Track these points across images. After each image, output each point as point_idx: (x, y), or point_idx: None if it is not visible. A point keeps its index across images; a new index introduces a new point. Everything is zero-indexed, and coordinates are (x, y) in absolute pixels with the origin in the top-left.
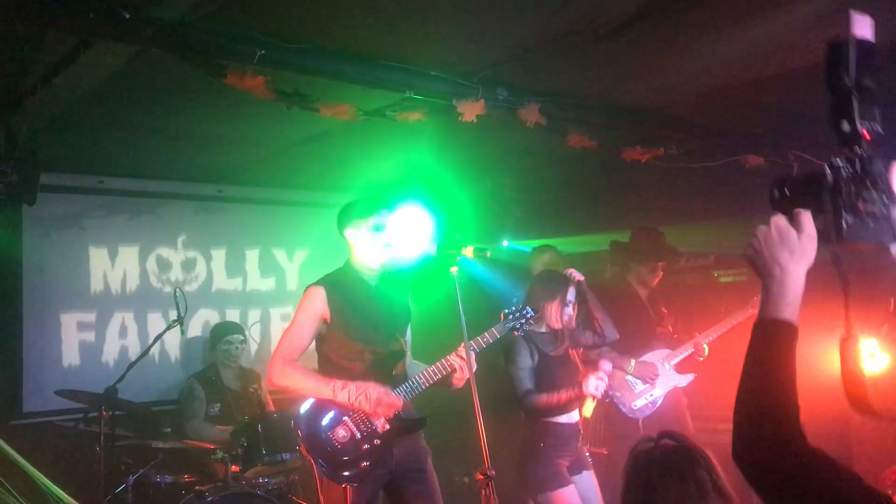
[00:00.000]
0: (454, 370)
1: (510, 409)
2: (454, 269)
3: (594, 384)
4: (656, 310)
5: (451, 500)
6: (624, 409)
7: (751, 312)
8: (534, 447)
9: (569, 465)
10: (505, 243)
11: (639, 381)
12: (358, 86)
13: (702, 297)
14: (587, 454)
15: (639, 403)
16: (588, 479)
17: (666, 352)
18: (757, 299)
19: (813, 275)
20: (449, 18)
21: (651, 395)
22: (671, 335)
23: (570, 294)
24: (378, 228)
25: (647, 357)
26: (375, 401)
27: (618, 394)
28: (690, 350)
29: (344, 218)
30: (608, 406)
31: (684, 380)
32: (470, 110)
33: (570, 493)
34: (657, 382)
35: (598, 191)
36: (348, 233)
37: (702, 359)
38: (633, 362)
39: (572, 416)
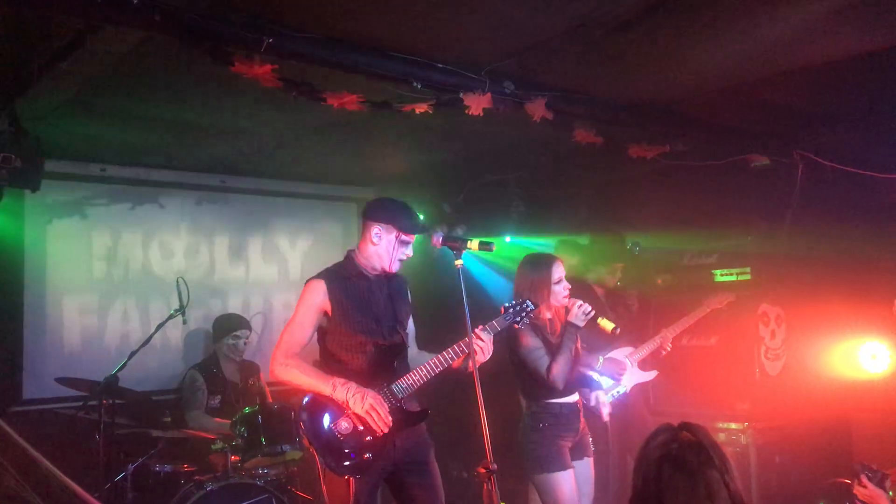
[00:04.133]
0: (464, 355)
1: (509, 403)
2: (459, 263)
3: (579, 312)
4: (615, 309)
5: (448, 495)
6: (590, 406)
7: (708, 310)
8: (535, 428)
9: (571, 448)
10: (507, 239)
11: (607, 378)
12: (365, 76)
13: (703, 296)
14: (590, 440)
15: (606, 400)
16: (586, 467)
17: (629, 349)
18: (714, 298)
19: (813, 279)
20: (457, 10)
21: (618, 391)
22: (632, 333)
23: (557, 272)
24: (404, 244)
25: (614, 354)
26: (369, 406)
27: (585, 390)
28: (655, 346)
29: (378, 213)
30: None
31: (648, 376)
32: (476, 103)
33: (569, 477)
34: (623, 378)
35: (603, 187)
36: (375, 229)
37: (664, 352)
38: (600, 359)
39: (572, 397)
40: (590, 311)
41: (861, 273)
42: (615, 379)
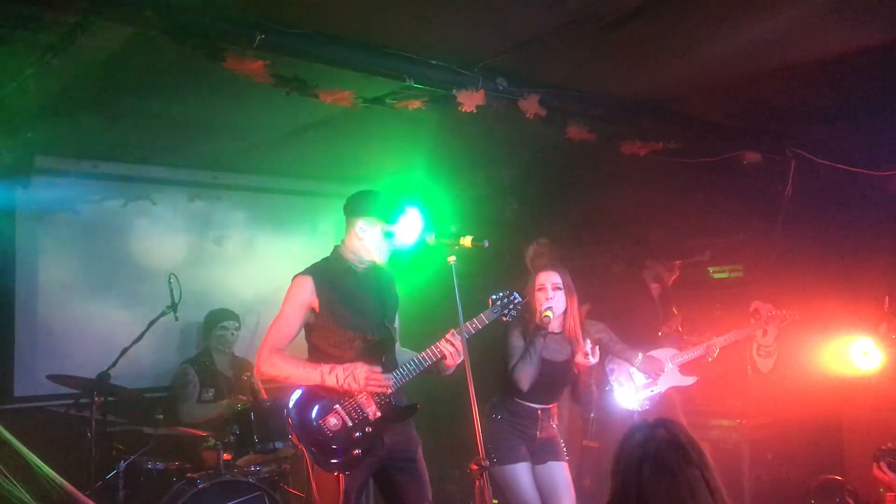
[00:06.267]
0: (444, 356)
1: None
2: (452, 259)
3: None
4: (666, 309)
5: (441, 492)
6: (621, 401)
7: (760, 329)
8: (490, 417)
9: (531, 451)
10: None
11: (642, 376)
12: (358, 73)
13: (696, 293)
14: (562, 444)
15: (638, 397)
16: (557, 469)
17: (673, 351)
18: (779, 313)
19: (805, 276)
20: (450, 7)
21: (651, 390)
22: (680, 335)
23: (539, 280)
24: (390, 236)
25: (655, 353)
26: (364, 380)
27: (618, 384)
28: (700, 352)
29: (360, 207)
30: (604, 399)
31: (686, 381)
32: (470, 100)
33: (523, 470)
34: (660, 379)
35: (596, 184)
36: (359, 223)
37: (710, 359)
38: (640, 356)
39: (535, 404)
40: (545, 308)
41: (853, 270)
42: (651, 377)
